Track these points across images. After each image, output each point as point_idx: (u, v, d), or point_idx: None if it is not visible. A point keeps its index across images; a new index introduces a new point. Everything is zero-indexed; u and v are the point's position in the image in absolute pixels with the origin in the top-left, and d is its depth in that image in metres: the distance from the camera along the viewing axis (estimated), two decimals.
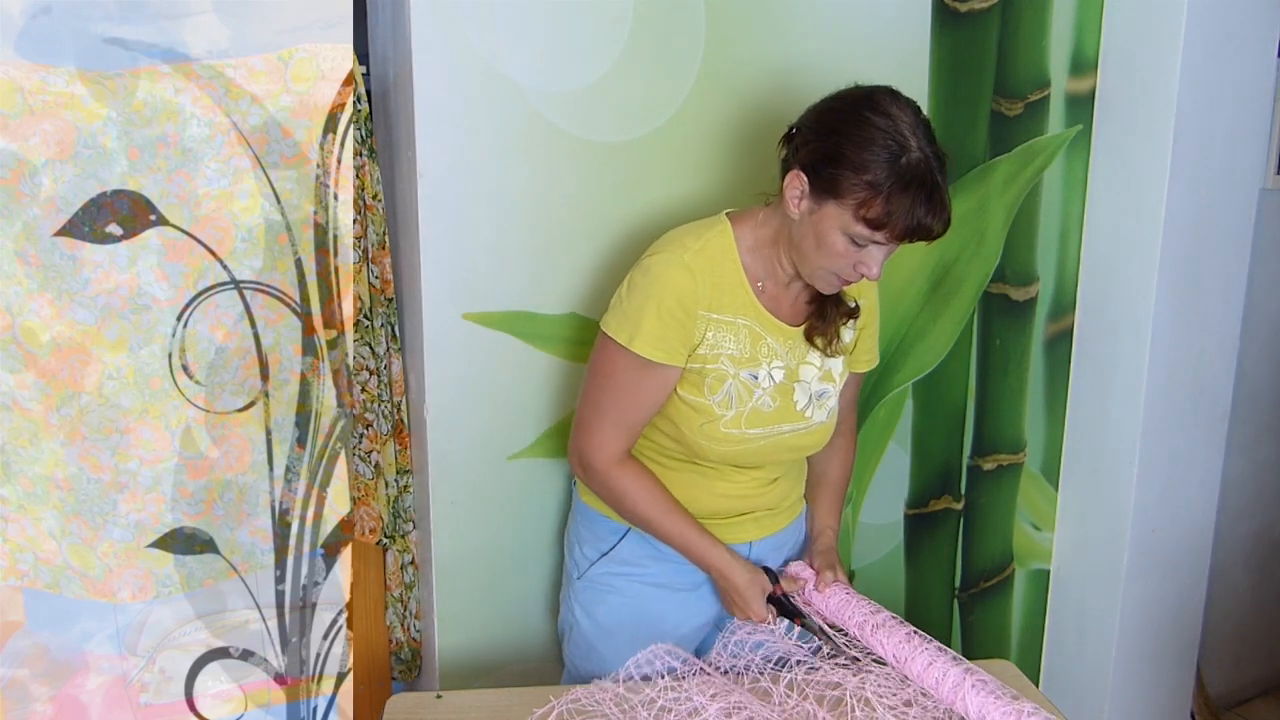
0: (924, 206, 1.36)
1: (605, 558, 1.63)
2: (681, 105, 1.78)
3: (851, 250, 1.41)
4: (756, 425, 1.54)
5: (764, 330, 1.52)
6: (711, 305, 1.49)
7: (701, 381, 1.51)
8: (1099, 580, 2.17)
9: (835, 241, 1.41)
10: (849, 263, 1.42)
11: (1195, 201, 1.99)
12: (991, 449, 2.19)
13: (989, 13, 1.96)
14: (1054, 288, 2.15)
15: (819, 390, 1.58)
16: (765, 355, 1.53)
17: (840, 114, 1.41)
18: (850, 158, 1.37)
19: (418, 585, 1.91)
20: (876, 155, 1.36)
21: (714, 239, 1.50)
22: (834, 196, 1.38)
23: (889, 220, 1.36)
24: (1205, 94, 1.94)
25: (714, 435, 1.53)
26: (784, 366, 1.54)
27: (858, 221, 1.37)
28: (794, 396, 1.56)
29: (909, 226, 1.37)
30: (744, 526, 1.63)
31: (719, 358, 1.50)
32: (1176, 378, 2.07)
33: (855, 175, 1.36)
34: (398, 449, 1.85)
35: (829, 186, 1.39)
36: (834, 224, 1.40)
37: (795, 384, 1.56)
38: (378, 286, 1.77)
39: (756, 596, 1.55)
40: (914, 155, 1.36)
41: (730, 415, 1.52)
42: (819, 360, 1.57)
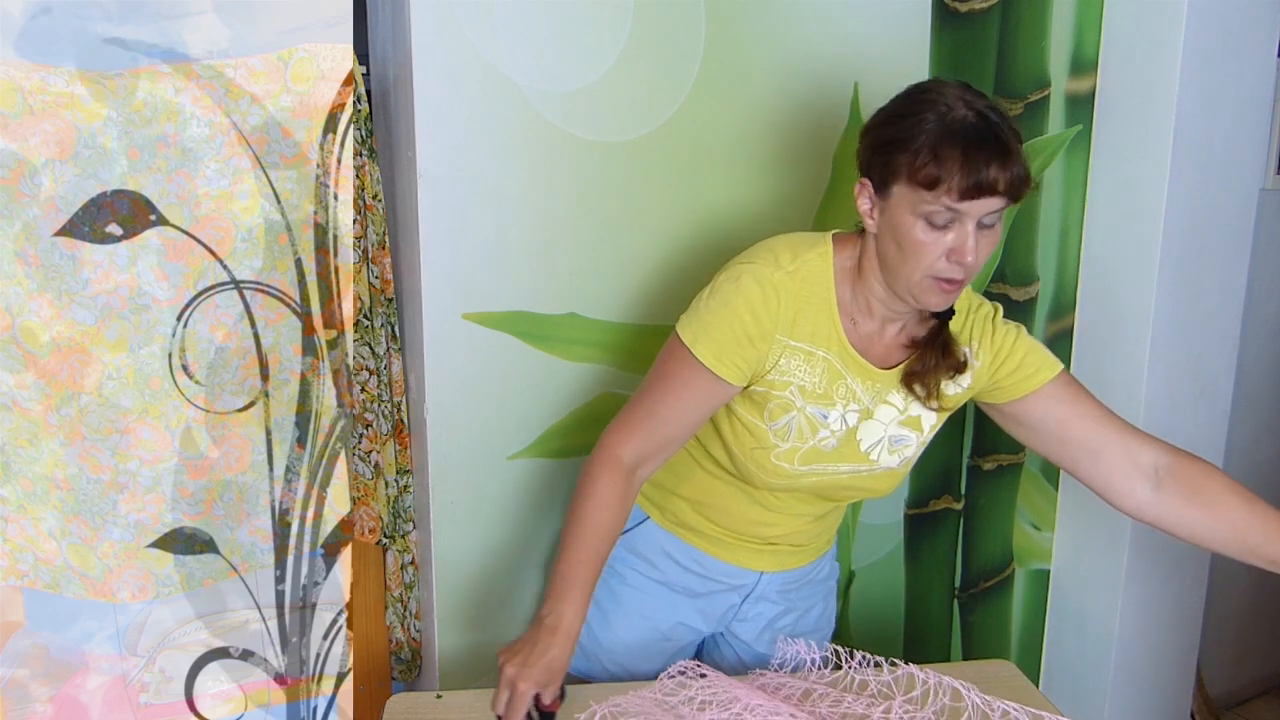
0: (982, 156, 1.25)
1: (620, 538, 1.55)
2: (681, 105, 1.78)
3: (934, 236, 1.29)
4: (811, 462, 1.45)
5: (846, 369, 1.41)
6: (792, 331, 1.39)
7: (764, 406, 1.42)
8: (1099, 580, 2.17)
9: (913, 231, 1.29)
10: (938, 254, 1.29)
11: (1195, 201, 1.99)
12: (991, 449, 2.19)
13: (989, 13, 1.96)
14: (1054, 288, 2.15)
15: (896, 435, 1.46)
16: (842, 396, 1.42)
17: (888, 109, 1.35)
18: (899, 136, 1.29)
19: (418, 585, 1.91)
20: (921, 120, 1.28)
21: (812, 260, 1.40)
22: (894, 179, 1.29)
23: (946, 176, 1.25)
24: (1205, 94, 1.94)
25: (763, 464, 1.45)
26: (860, 409, 1.43)
27: (918, 190, 1.27)
28: (859, 436, 1.45)
29: (971, 180, 1.24)
30: (762, 556, 1.58)
31: (788, 385, 1.40)
32: (1176, 378, 2.07)
33: (904, 148, 1.28)
34: (398, 449, 1.85)
35: (886, 174, 1.30)
36: (904, 210, 1.29)
37: (864, 422, 1.45)
38: (378, 286, 1.77)
39: (532, 679, 1.33)
40: (961, 112, 1.27)
41: (785, 448, 1.44)
42: (901, 401, 1.45)
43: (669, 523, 1.58)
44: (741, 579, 1.60)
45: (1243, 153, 2.03)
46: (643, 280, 1.83)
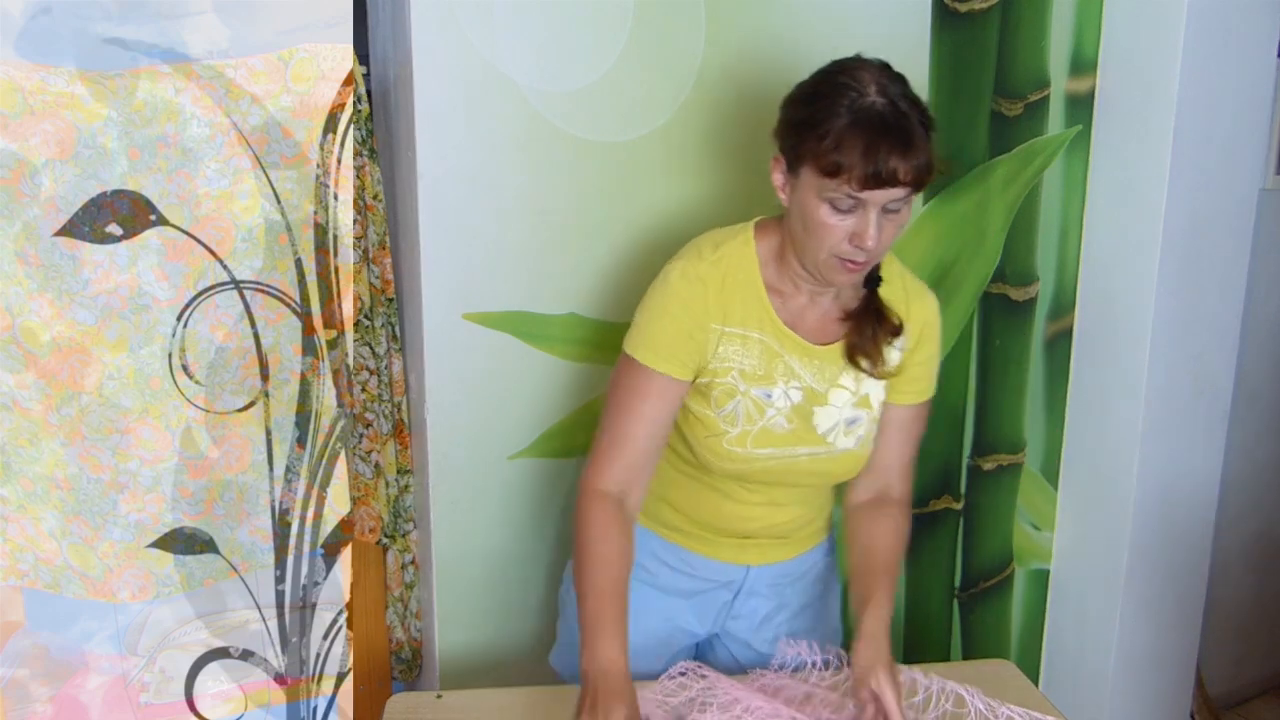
0: (885, 147, 1.26)
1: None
2: (681, 105, 1.78)
3: (838, 219, 1.31)
4: (766, 445, 1.47)
5: (781, 347, 1.44)
6: (724, 318, 1.42)
7: (709, 394, 1.44)
8: (1099, 580, 2.17)
9: (818, 213, 1.32)
10: (841, 236, 1.32)
11: (1195, 201, 1.98)
12: (991, 449, 2.19)
13: (989, 13, 1.96)
14: (1054, 288, 2.15)
15: (850, 416, 1.48)
16: (782, 374, 1.44)
17: (805, 85, 1.37)
18: (810, 118, 1.31)
19: (418, 585, 1.91)
20: (833, 105, 1.29)
21: (734, 247, 1.44)
22: (801, 162, 1.32)
23: (848, 166, 1.27)
24: (1205, 94, 1.94)
25: (717, 450, 1.46)
26: (803, 388, 1.45)
27: (822, 177, 1.29)
28: (814, 420, 1.47)
29: (871, 171, 1.27)
30: (744, 550, 1.58)
31: (729, 371, 1.43)
32: (1176, 378, 2.07)
33: (814, 131, 1.29)
34: (398, 449, 1.85)
35: (796, 154, 1.33)
36: (810, 191, 1.32)
37: (818, 406, 1.46)
38: (378, 286, 1.77)
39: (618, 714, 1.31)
40: (871, 99, 1.28)
41: (735, 433, 1.46)
42: (853, 383, 1.47)
43: (654, 525, 1.58)
44: (730, 575, 1.59)
45: (1243, 153, 2.03)
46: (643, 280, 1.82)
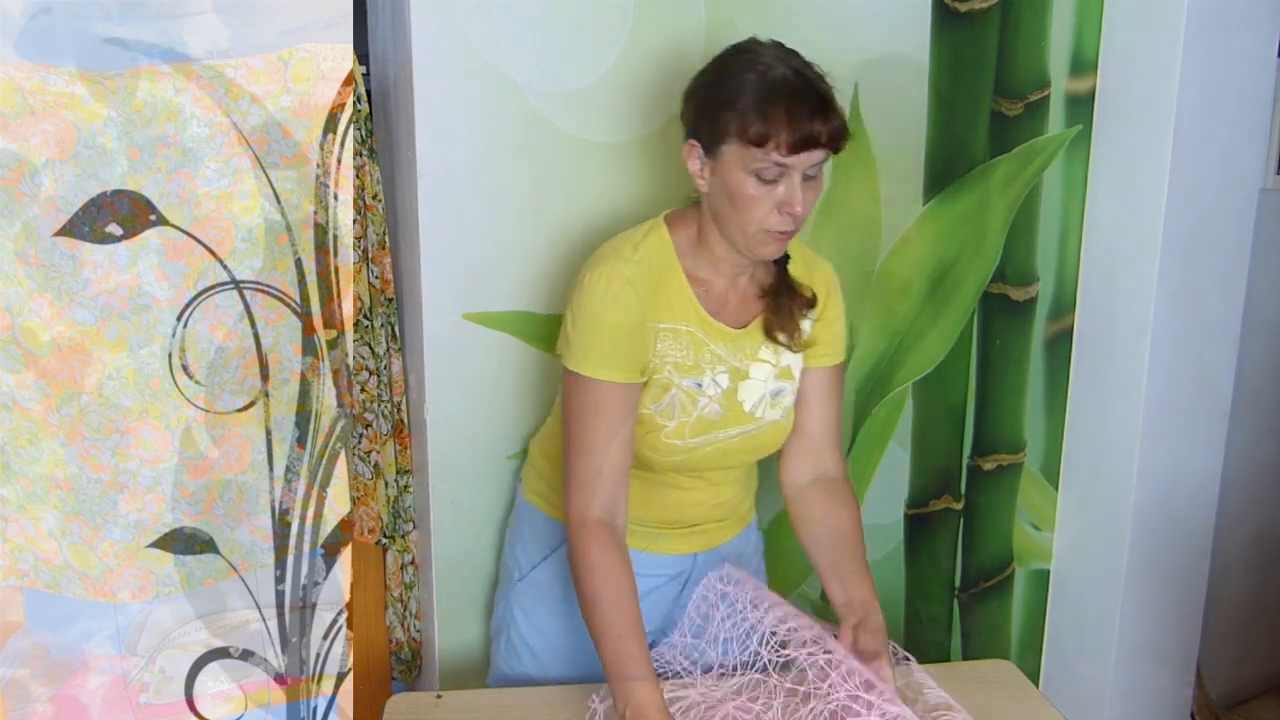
0: (804, 110, 1.32)
1: (549, 559, 1.59)
2: (681, 105, 1.78)
3: (764, 190, 1.35)
4: (701, 434, 1.49)
5: (707, 336, 1.47)
6: (658, 315, 1.44)
7: (645, 391, 1.45)
8: (1099, 580, 2.17)
9: (744, 185, 1.35)
10: (769, 207, 1.36)
11: (1195, 201, 1.98)
12: (991, 449, 2.19)
13: (989, 13, 1.96)
14: (1054, 288, 2.15)
15: (775, 389, 1.52)
16: (709, 362, 1.47)
17: (706, 71, 1.42)
18: (721, 96, 1.36)
19: (418, 585, 1.91)
20: (743, 81, 1.35)
21: (652, 244, 1.45)
22: (722, 139, 1.35)
23: (774, 133, 1.32)
24: (1205, 94, 1.94)
25: (657, 445, 1.48)
26: (728, 369, 1.48)
27: (749, 148, 1.33)
28: (739, 397, 1.50)
29: (798, 135, 1.32)
30: (690, 539, 1.59)
31: (664, 366, 1.45)
32: (1176, 378, 2.07)
33: (730, 108, 1.34)
34: (398, 449, 1.85)
35: (715, 134, 1.36)
36: (734, 168, 1.35)
37: (741, 383, 1.49)
38: (378, 286, 1.77)
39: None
40: (780, 70, 1.35)
41: (672, 426, 1.47)
42: (773, 355, 1.51)
43: None
44: (678, 567, 1.60)
45: (1243, 153, 2.03)
46: None
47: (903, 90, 1.94)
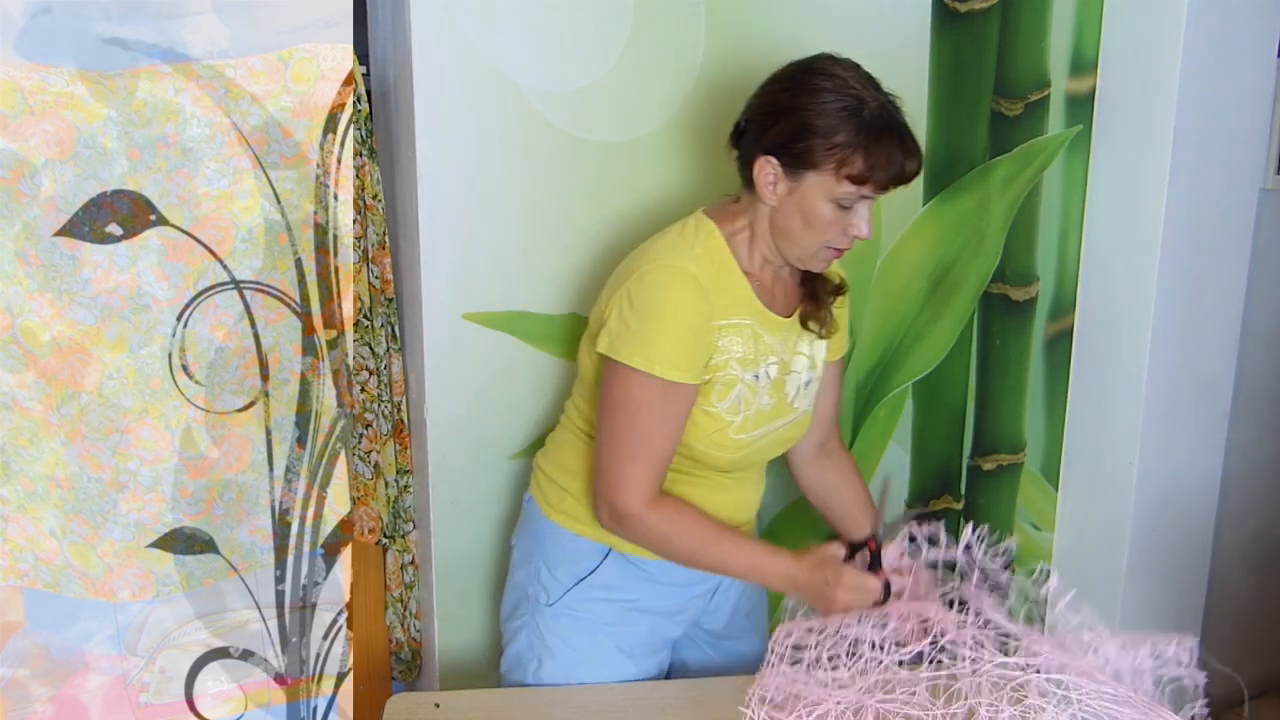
0: (900, 150, 1.37)
1: (584, 582, 1.55)
2: (681, 105, 1.78)
3: (840, 216, 1.40)
4: (759, 425, 1.51)
5: (763, 328, 1.49)
6: (721, 312, 1.44)
7: (710, 390, 1.46)
8: (1099, 580, 2.17)
9: (823, 212, 1.39)
10: (839, 230, 1.41)
11: (1195, 201, 1.98)
12: (991, 449, 2.19)
13: (989, 13, 1.96)
14: (1054, 288, 2.15)
15: (807, 379, 1.56)
16: (764, 353, 1.49)
17: (788, 90, 1.41)
18: (815, 125, 1.37)
19: (418, 585, 1.91)
20: (840, 115, 1.36)
21: (709, 243, 1.46)
22: (811, 167, 1.38)
23: (872, 173, 1.36)
24: (1205, 94, 1.94)
25: (723, 443, 1.48)
26: (778, 361, 1.51)
27: (841, 182, 1.37)
28: (786, 389, 1.53)
29: (891, 174, 1.38)
30: None
31: (728, 363, 1.46)
32: (1176, 378, 2.07)
33: (826, 139, 1.36)
34: (397, 449, 1.85)
35: (803, 159, 1.38)
36: (818, 194, 1.39)
37: (787, 376, 1.53)
38: (378, 286, 1.77)
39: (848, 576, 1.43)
40: (873, 106, 1.37)
41: (739, 421, 1.48)
42: (808, 348, 1.55)
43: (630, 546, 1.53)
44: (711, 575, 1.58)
45: (1243, 153, 2.03)
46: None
47: (903, 90, 1.93)
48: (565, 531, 1.56)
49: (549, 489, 1.59)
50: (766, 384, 1.50)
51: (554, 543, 1.57)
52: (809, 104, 1.38)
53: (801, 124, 1.37)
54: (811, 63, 1.42)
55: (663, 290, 1.41)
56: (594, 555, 1.54)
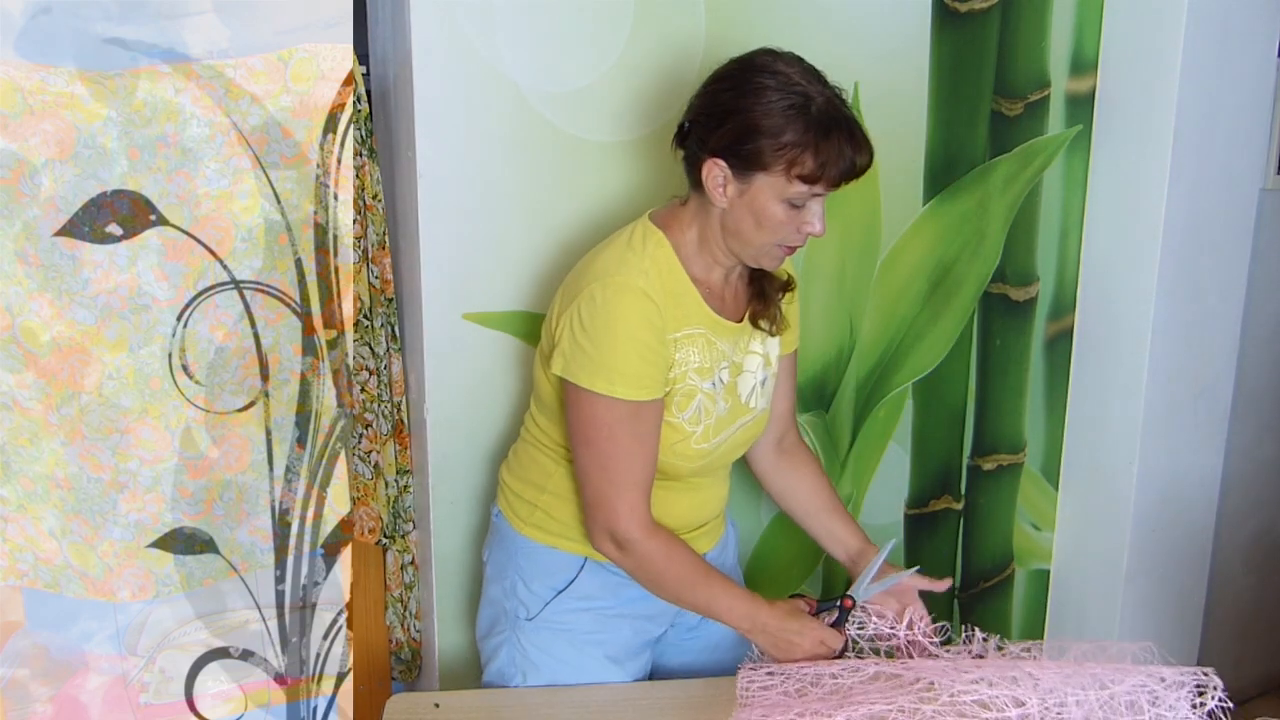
0: (849, 146, 1.35)
1: (563, 594, 1.53)
2: (681, 105, 1.77)
3: (792, 215, 1.38)
4: (719, 432, 1.50)
5: (715, 335, 1.48)
6: (674, 325, 1.43)
7: (671, 401, 1.45)
8: (1099, 580, 2.17)
9: (775, 212, 1.38)
10: (792, 228, 1.40)
11: (1195, 201, 1.99)
12: (991, 449, 2.19)
13: (989, 13, 1.96)
14: (1054, 288, 2.15)
15: (763, 377, 1.55)
16: (716, 359, 1.48)
17: (731, 89, 1.39)
18: (762, 126, 1.34)
19: (418, 585, 1.91)
20: (786, 114, 1.34)
21: (657, 254, 1.43)
22: (760, 169, 1.36)
23: (824, 171, 1.35)
24: (1205, 94, 1.94)
25: (685, 453, 1.48)
26: (729, 364, 1.50)
27: (793, 182, 1.35)
28: (739, 391, 1.52)
29: (842, 170, 1.36)
30: (698, 541, 1.57)
31: (686, 374, 1.45)
32: (1176, 378, 2.07)
33: (774, 139, 1.34)
34: (398, 449, 1.85)
35: (751, 161, 1.36)
36: (769, 195, 1.37)
37: (739, 377, 1.52)
38: (378, 286, 1.77)
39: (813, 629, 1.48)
40: (820, 101, 1.35)
41: (700, 430, 1.48)
42: (760, 346, 1.53)
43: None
44: None
45: (1243, 153, 2.03)
46: None
47: (903, 90, 1.94)
48: (538, 545, 1.54)
49: (517, 503, 1.58)
50: (721, 389, 1.50)
51: (527, 557, 1.55)
52: (754, 104, 1.35)
53: (747, 125, 1.35)
54: (753, 59, 1.39)
55: (614, 309, 1.38)
56: (570, 567, 1.53)
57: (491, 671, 1.60)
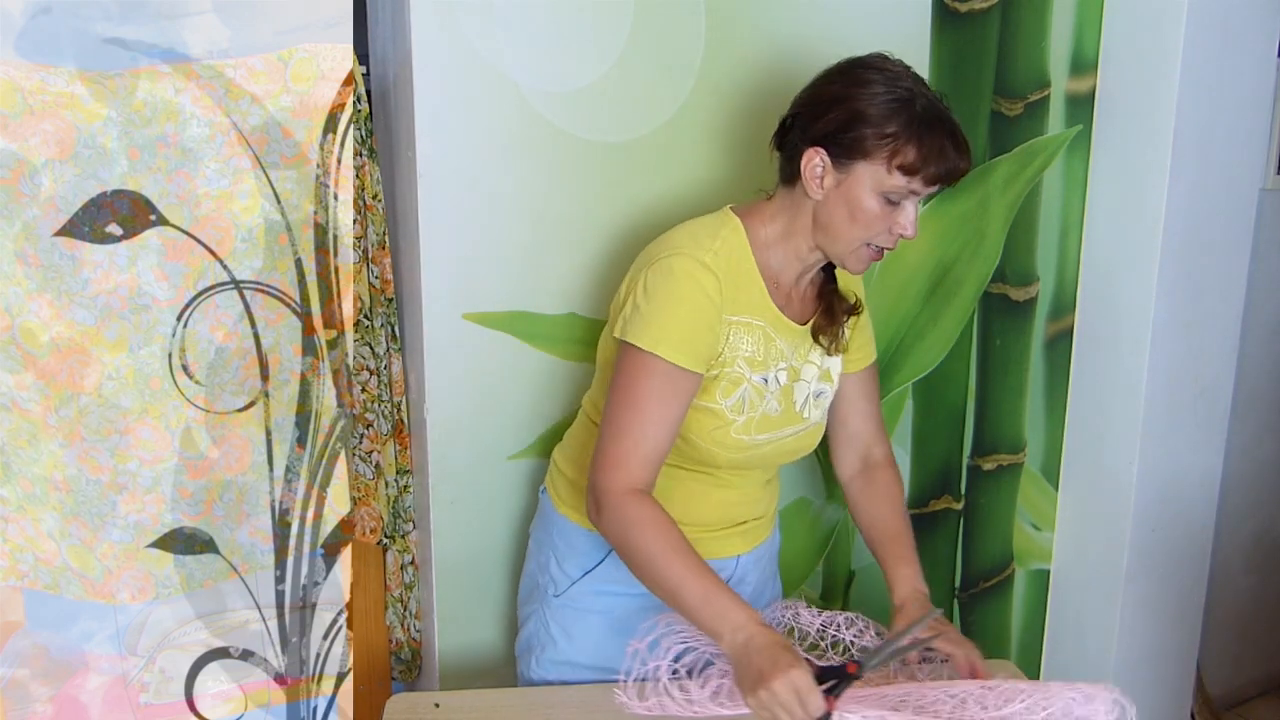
0: (951, 144, 1.37)
1: (589, 575, 1.56)
2: (681, 105, 1.78)
3: (886, 212, 1.39)
4: (765, 430, 1.50)
5: (776, 331, 1.48)
6: (733, 308, 1.44)
7: (715, 385, 1.45)
8: (1099, 580, 2.17)
9: (870, 205, 1.38)
10: (884, 226, 1.40)
11: (1195, 201, 1.98)
12: (991, 449, 2.19)
13: (989, 13, 1.96)
14: (1054, 288, 2.15)
15: (817, 390, 1.55)
16: (774, 358, 1.49)
17: (839, 83, 1.41)
18: (867, 114, 1.36)
19: (418, 585, 1.91)
20: (892, 105, 1.36)
21: (730, 238, 1.45)
22: (862, 157, 1.37)
23: (924, 164, 1.35)
24: (1205, 94, 1.94)
25: (724, 441, 1.48)
26: (788, 367, 1.51)
27: (893, 173, 1.36)
28: (794, 397, 1.53)
29: (943, 169, 1.37)
30: (732, 540, 1.58)
31: (735, 360, 1.45)
32: (1176, 378, 2.07)
33: (878, 128, 1.36)
34: (398, 449, 1.85)
35: (853, 149, 1.37)
36: (867, 185, 1.38)
37: (795, 384, 1.53)
38: (378, 286, 1.77)
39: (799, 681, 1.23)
40: (924, 100, 1.37)
41: (742, 421, 1.48)
42: (819, 358, 1.54)
43: None
44: (724, 572, 1.57)
45: (1243, 153, 2.03)
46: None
47: None
48: (574, 525, 1.57)
49: (560, 482, 1.62)
50: (776, 390, 1.50)
51: (562, 535, 1.59)
52: (860, 93, 1.37)
53: (853, 113, 1.37)
54: (862, 58, 1.43)
55: (676, 277, 1.41)
56: (599, 549, 1.55)
57: (521, 638, 1.67)
